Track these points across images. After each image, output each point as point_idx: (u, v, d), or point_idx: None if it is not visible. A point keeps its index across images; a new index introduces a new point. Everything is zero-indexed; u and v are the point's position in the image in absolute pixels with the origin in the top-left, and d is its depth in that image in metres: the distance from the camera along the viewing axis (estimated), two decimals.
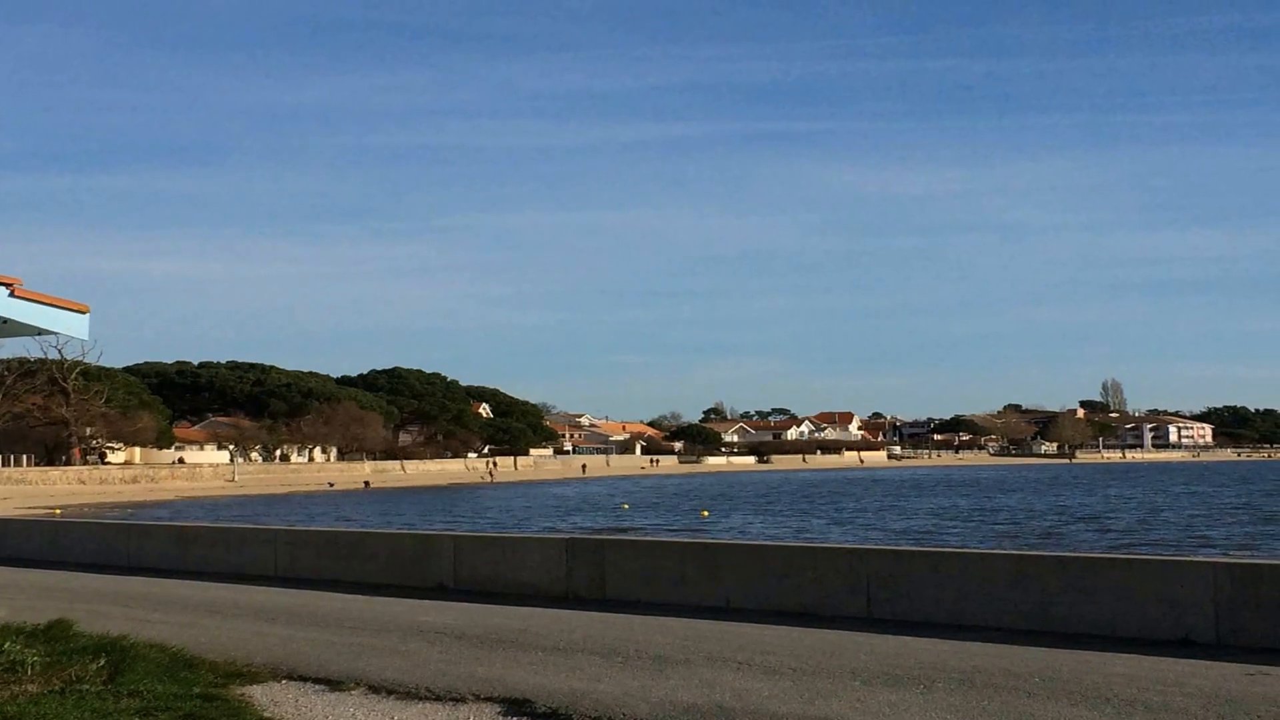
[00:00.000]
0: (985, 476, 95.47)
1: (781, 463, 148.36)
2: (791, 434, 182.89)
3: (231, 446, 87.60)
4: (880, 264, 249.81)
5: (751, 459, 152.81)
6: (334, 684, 6.98)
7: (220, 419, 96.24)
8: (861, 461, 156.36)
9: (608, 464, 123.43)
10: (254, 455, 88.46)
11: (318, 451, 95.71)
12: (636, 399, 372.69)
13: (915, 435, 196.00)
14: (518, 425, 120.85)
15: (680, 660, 7.54)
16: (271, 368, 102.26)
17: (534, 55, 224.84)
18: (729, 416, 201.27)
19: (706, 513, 44.85)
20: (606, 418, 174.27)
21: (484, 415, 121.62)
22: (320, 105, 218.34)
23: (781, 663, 7.40)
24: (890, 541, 24.96)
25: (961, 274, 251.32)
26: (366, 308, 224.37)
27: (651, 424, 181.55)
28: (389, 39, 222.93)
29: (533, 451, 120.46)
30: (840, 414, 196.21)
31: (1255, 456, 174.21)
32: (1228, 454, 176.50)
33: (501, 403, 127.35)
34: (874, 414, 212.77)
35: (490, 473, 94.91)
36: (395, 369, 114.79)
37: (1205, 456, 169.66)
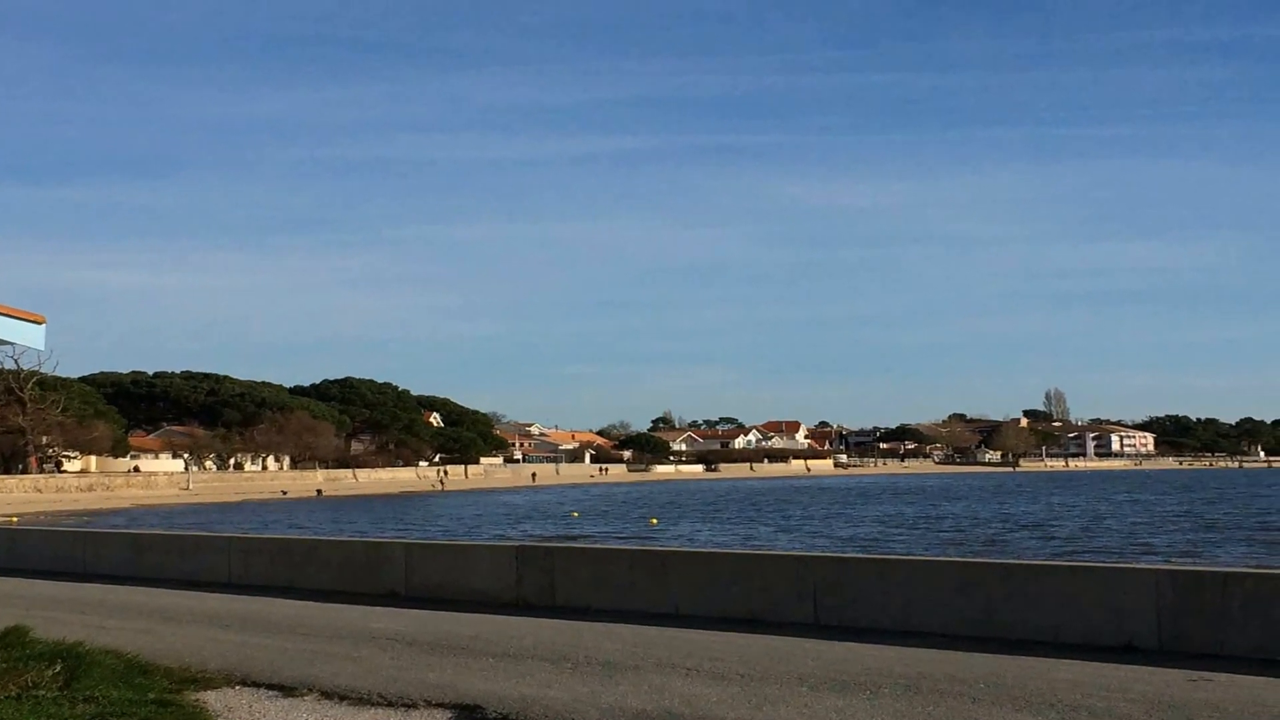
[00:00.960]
0: (930, 484, 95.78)
1: (729, 471, 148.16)
2: (739, 443, 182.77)
3: (186, 455, 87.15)
4: (827, 275, 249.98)
5: (699, 467, 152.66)
6: (287, 690, 6.92)
7: (175, 428, 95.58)
8: (809, 470, 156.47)
9: (557, 472, 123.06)
10: (208, 464, 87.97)
11: (271, 460, 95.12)
12: (586, 408, 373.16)
13: (861, 444, 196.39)
14: (468, 434, 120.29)
15: (630, 666, 7.51)
16: (225, 378, 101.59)
17: (485, 69, 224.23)
18: (677, 426, 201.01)
19: (655, 520, 44.74)
20: (556, 427, 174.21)
21: (435, 424, 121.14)
22: (274, 118, 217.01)
23: (730, 669, 7.37)
24: (837, 549, 24.97)
25: (907, 285, 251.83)
26: (319, 318, 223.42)
27: (601, 433, 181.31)
28: (342, 53, 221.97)
29: (483, 460, 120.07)
30: (787, 423, 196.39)
31: (1197, 465, 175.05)
32: (1169, 462, 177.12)
33: (452, 412, 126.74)
34: (821, 423, 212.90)
35: (441, 481, 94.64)
36: (347, 379, 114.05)
37: (1147, 465, 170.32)
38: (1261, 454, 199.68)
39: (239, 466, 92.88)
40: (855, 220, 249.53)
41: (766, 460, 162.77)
